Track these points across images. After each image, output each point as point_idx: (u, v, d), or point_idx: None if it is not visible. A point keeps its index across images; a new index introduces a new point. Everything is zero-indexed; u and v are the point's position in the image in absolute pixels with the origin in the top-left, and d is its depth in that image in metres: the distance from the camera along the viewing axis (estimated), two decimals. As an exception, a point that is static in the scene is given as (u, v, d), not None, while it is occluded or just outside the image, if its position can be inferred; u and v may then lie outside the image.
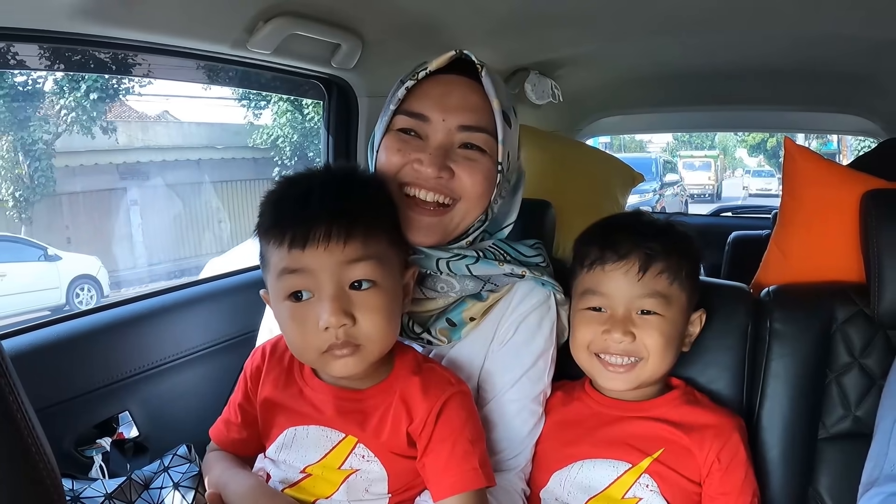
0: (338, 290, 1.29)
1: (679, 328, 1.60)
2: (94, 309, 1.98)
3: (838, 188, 1.89)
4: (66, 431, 1.77)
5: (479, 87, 1.54)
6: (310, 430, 1.42)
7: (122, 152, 12.58)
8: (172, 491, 1.53)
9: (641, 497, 1.54)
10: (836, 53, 2.85)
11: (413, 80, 1.51)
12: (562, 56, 2.98)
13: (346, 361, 1.32)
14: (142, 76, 8.44)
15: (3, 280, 9.94)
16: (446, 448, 1.36)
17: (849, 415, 1.74)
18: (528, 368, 1.58)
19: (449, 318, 1.56)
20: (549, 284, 1.62)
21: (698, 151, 35.77)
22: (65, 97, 11.38)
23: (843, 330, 1.76)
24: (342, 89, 2.49)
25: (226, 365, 2.14)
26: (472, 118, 1.51)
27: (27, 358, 1.67)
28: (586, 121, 4.17)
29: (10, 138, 11.01)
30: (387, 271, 1.35)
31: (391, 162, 1.51)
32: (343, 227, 1.29)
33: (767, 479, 1.71)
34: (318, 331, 1.30)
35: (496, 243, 1.65)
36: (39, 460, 1.02)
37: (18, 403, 1.00)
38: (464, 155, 1.51)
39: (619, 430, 1.60)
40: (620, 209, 2.86)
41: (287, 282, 1.32)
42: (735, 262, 3.67)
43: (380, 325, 1.32)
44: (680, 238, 1.63)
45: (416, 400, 1.38)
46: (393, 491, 1.41)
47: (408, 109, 1.52)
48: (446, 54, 1.53)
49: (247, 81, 2.71)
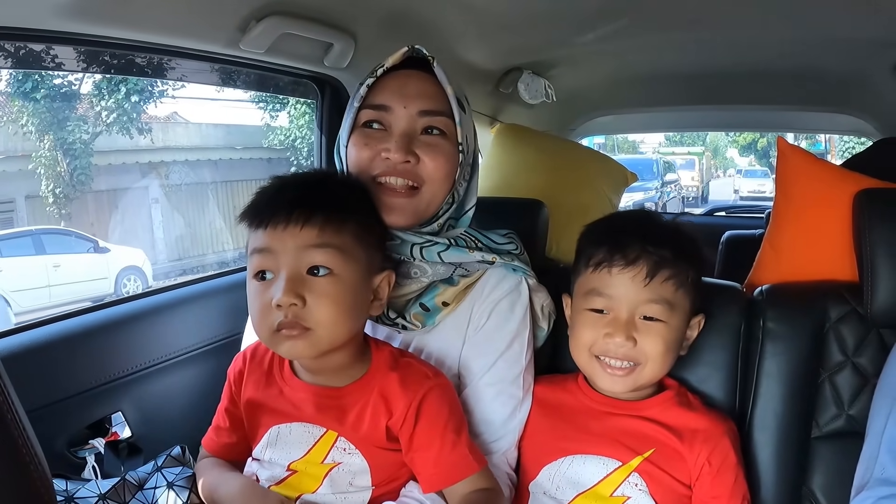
0: (294, 272, 1.35)
1: (679, 334, 1.60)
2: (87, 309, 1.97)
3: (832, 187, 1.89)
4: (58, 432, 1.77)
5: (432, 78, 1.62)
6: (292, 428, 1.46)
7: (146, 152, 12.86)
8: (167, 491, 1.53)
9: (630, 496, 1.54)
10: (829, 53, 2.86)
11: (373, 77, 1.60)
12: (555, 56, 2.99)
13: (294, 343, 1.36)
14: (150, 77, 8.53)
15: (57, 270, 10.41)
16: (435, 444, 1.41)
17: (842, 413, 1.74)
18: (502, 352, 1.62)
19: (422, 303, 1.61)
20: (521, 270, 1.68)
21: (680, 148, 33.16)
22: (105, 99, 11.78)
23: (836, 329, 1.76)
24: (335, 88, 2.49)
25: (218, 365, 2.12)
26: (430, 103, 1.60)
27: (19, 359, 1.67)
28: (579, 120, 4.17)
29: (50, 137, 11.32)
30: (348, 265, 1.39)
31: (360, 156, 1.59)
32: (303, 213, 1.36)
33: (761, 479, 1.71)
34: (271, 309, 1.35)
35: (468, 231, 1.71)
36: (30, 461, 1.01)
37: (9, 404, 0.99)
38: (426, 141, 1.59)
39: (610, 427, 1.60)
40: (613, 209, 2.85)
41: (254, 261, 1.39)
42: (728, 261, 3.68)
43: (330, 311, 1.36)
44: (688, 244, 1.63)
45: (394, 395, 1.42)
46: (376, 483, 1.44)
47: (370, 103, 1.61)
48: (400, 51, 1.61)
49: (239, 81, 2.71)
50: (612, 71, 3.40)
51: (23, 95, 10.74)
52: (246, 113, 15.28)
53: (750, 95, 3.66)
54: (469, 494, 1.43)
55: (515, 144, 2.90)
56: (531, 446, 1.64)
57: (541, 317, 1.72)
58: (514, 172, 2.74)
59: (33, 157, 11.05)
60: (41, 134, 11.17)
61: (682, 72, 3.33)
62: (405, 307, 1.61)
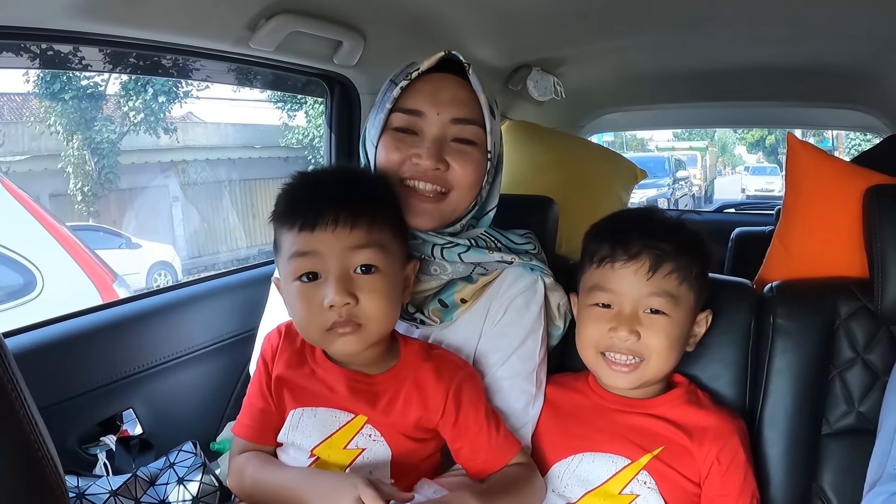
0: (343, 272, 1.38)
1: (684, 329, 1.60)
2: (98, 307, 1.99)
3: (842, 184, 1.89)
4: (70, 429, 1.78)
5: (465, 84, 1.62)
6: (318, 412, 1.47)
7: (167, 151, 13.04)
8: (178, 486, 1.54)
9: (639, 494, 1.53)
10: (839, 49, 2.85)
11: (406, 80, 1.59)
12: (564, 53, 2.99)
13: (348, 339, 1.40)
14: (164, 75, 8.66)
15: (91, 265, 10.48)
16: (483, 430, 1.49)
17: (852, 411, 1.73)
18: (517, 347, 1.64)
19: (441, 300, 1.63)
20: (538, 269, 1.69)
21: (681, 143, 31.02)
22: (132, 99, 12.02)
23: (846, 325, 1.76)
24: (344, 86, 2.49)
25: (229, 362, 2.15)
26: (463, 111, 1.60)
27: (32, 356, 1.68)
28: (588, 117, 4.17)
29: (79, 137, 11.52)
30: (389, 260, 1.43)
31: (391, 159, 1.59)
32: (350, 215, 1.38)
33: (771, 476, 1.71)
34: (322, 309, 1.38)
35: (488, 231, 1.73)
36: (42, 457, 1.02)
37: (21, 401, 1.00)
38: (456, 148, 1.60)
39: (619, 425, 1.60)
40: (623, 205, 2.85)
41: (297, 264, 1.40)
42: (738, 258, 3.67)
43: (380, 306, 1.40)
44: (691, 238, 1.62)
45: (430, 385, 1.46)
46: (395, 475, 1.44)
47: (403, 107, 1.60)
48: (436, 55, 1.60)
49: (249, 79, 2.73)
50: (620, 68, 3.39)
51: (51, 96, 10.92)
52: (262, 113, 15.44)
53: (759, 91, 3.65)
54: (511, 467, 1.50)
55: (525, 141, 2.90)
56: (541, 444, 1.64)
57: (557, 315, 1.72)
58: (524, 169, 2.74)
59: (62, 156, 11.21)
60: (70, 134, 11.35)
61: (690, 68, 3.32)
62: (424, 303, 1.63)
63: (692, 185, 25.49)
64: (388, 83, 1.64)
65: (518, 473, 1.50)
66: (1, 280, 3.70)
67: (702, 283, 1.62)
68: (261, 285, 1.67)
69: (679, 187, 23.07)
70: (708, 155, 31.27)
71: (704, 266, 1.64)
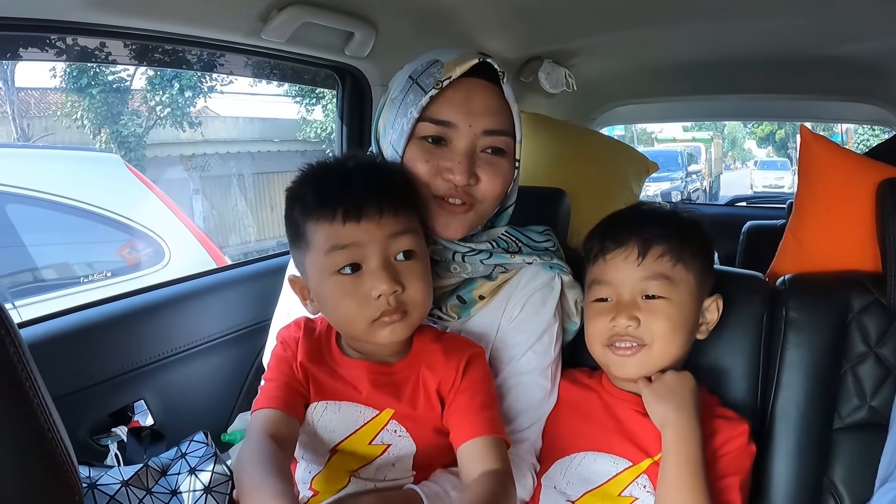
0: (386, 260, 1.37)
1: (687, 312, 1.59)
2: (110, 298, 1.99)
3: (855, 177, 1.87)
4: (81, 420, 1.79)
5: (496, 89, 1.57)
6: (342, 406, 1.44)
7: (188, 145, 13.21)
8: (189, 476, 1.54)
9: (637, 497, 1.53)
10: (852, 42, 2.83)
11: (437, 88, 1.51)
12: (575, 45, 2.98)
13: (395, 327, 1.39)
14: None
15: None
16: (466, 397, 1.43)
17: (864, 405, 1.73)
18: (533, 342, 1.63)
19: (460, 296, 1.63)
20: (557, 267, 1.68)
21: (684, 134, 29.44)
22: (158, 94, 12.34)
23: (858, 319, 1.75)
24: (355, 78, 2.49)
25: (240, 353, 2.15)
26: (494, 122, 1.55)
27: (43, 347, 1.69)
28: (599, 110, 4.16)
29: (106, 130, 11.77)
30: (422, 244, 1.45)
31: (420, 171, 1.54)
32: (391, 202, 1.38)
33: (782, 469, 1.71)
34: (368, 300, 1.37)
35: (508, 231, 1.71)
36: (56, 446, 1.03)
37: (36, 391, 1.01)
38: (486, 160, 1.56)
39: (625, 426, 1.60)
40: (635, 198, 2.85)
41: (337, 257, 1.37)
42: (749, 251, 3.66)
43: (423, 291, 1.42)
44: (680, 221, 1.63)
45: (439, 364, 1.44)
46: (417, 468, 1.44)
47: (433, 117, 1.53)
48: (469, 61, 1.52)
49: (260, 71, 2.74)
50: (632, 60, 3.38)
51: (78, 90, 11.15)
52: (280, 107, 15.57)
53: (771, 84, 3.63)
54: (481, 482, 1.33)
55: (537, 133, 2.89)
56: (547, 439, 1.64)
57: (574, 312, 1.72)
58: (535, 161, 2.73)
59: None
60: (97, 127, 11.59)
61: (702, 60, 3.30)
62: (442, 299, 1.62)
63: (703, 178, 25.32)
64: (407, 81, 1.56)
65: (492, 490, 1.33)
66: (141, 251, 4.41)
67: (701, 265, 1.61)
68: (273, 277, 1.67)
69: (692, 180, 23.23)
70: (713, 147, 29.89)
71: (701, 248, 1.62)
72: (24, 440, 1.00)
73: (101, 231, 4.43)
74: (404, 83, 1.57)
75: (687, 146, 25.97)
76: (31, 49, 2.14)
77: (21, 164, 4.55)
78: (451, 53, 1.55)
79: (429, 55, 1.58)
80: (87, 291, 3.86)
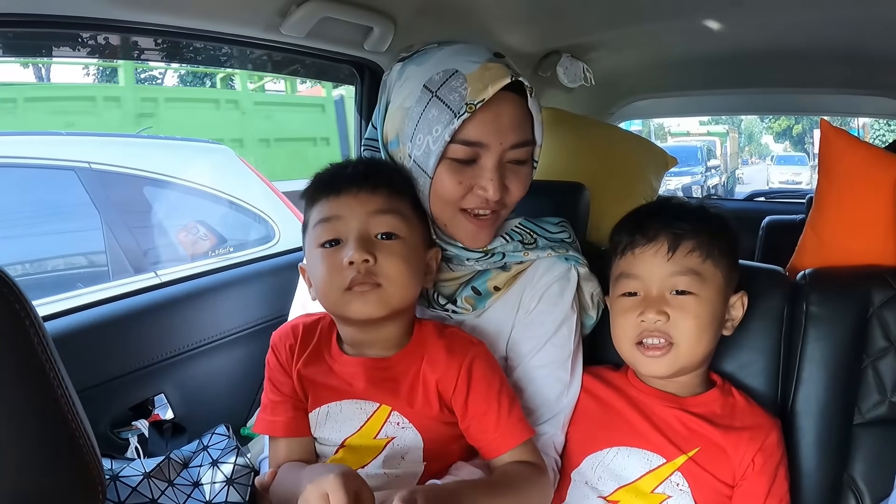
0: (364, 233, 1.41)
1: (715, 309, 1.58)
2: (130, 293, 2.01)
3: (875, 171, 1.86)
4: (102, 413, 1.81)
5: (519, 100, 1.54)
6: (343, 405, 1.47)
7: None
8: (211, 468, 1.55)
9: (671, 495, 1.52)
10: (871, 35, 2.80)
11: (469, 112, 1.46)
12: (593, 39, 2.97)
13: (367, 299, 1.40)
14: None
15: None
16: (493, 408, 1.44)
17: (885, 400, 1.71)
18: (551, 335, 1.63)
19: (474, 287, 1.63)
20: (573, 259, 1.68)
21: (699, 128, 28.75)
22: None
23: (879, 314, 1.74)
24: (374, 73, 2.48)
25: (259, 347, 2.14)
26: (521, 135, 1.55)
27: (66, 340, 1.70)
28: (618, 104, 4.14)
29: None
30: (411, 230, 1.47)
31: (452, 191, 1.53)
32: (371, 181, 1.44)
33: (802, 464, 1.70)
34: (342, 269, 1.39)
35: (522, 223, 1.70)
36: (80, 439, 1.04)
37: (60, 383, 1.02)
38: (512, 169, 1.56)
39: (657, 421, 1.59)
40: (654, 193, 2.83)
41: (321, 230, 1.44)
42: (769, 246, 3.63)
43: (400, 267, 1.42)
44: (710, 217, 1.62)
45: (441, 361, 1.45)
46: (428, 459, 1.45)
47: (464, 139, 1.49)
48: (501, 81, 1.47)
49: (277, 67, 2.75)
50: (650, 54, 3.37)
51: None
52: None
53: (790, 78, 3.61)
54: (514, 465, 1.43)
55: (555, 128, 2.89)
56: (577, 434, 1.63)
57: (590, 305, 1.72)
58: (555, 156, 2.72)
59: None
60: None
61: (721, 54, 3.28)
62: (456, 291, 1.62)
63: (721, 172, 25.08)
64: (424, 92, 1.50)
65: (522, 473, 1.43)
66: (256, 231, 4.95)
67: (729, 262, 1.61)
68: (290, 272, 1.68)
69: (711, 175, 23.24)
70: (729, 141, 29.22)
71: (730, 244, 1.62)
72: (49, 431, 1.00)
73: (224, 213, 5.16)
74: (420, 93, 1.51)
75: (702, 140, 25.52)
76: (63, 47, 2.18)
77: (145, 151, 5.23)
78: (467, 61, 1.51)
79: (438, 57, 1.54)
80: (216, 262, 4.00)
